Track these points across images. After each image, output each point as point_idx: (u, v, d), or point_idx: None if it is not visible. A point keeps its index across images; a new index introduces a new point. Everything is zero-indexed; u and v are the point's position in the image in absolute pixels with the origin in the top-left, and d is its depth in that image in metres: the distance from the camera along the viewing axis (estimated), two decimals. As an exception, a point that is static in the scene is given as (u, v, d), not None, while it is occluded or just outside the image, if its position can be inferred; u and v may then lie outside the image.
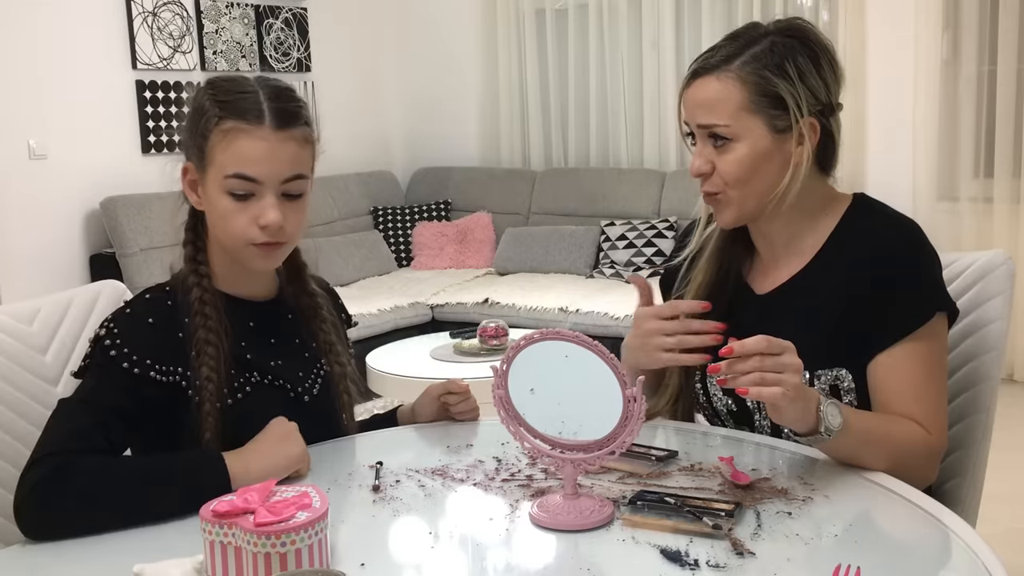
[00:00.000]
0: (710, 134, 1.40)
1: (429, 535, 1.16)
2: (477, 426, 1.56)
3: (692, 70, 1.42)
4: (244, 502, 1.02)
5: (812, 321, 1.40)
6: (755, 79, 1.37)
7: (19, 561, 1.18)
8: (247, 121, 1.33)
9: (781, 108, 1.37)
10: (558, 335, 1.17)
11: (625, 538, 1.11)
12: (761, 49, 1.38)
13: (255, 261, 1.39)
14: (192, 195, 1.40)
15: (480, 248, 5.50)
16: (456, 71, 5.93)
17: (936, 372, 1.38)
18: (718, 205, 1.44)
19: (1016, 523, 2.94)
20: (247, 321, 1.42)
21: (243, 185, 1.33)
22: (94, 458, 1.24)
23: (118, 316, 1.35)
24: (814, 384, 1.39)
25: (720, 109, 1.38)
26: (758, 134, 1.38)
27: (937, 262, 1.41)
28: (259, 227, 1.34)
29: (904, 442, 1.32)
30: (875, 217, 1.44)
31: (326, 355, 1.50)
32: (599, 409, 1.16)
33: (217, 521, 1.01)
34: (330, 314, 1.54)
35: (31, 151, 4.34)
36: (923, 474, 1.35)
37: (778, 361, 1.19)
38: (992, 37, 4.44)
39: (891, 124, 4.60)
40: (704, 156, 1.41)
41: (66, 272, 4.47)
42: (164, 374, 1.32)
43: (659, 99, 5.31)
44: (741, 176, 1.39)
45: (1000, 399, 1.57)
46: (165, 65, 4.85)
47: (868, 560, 1.04)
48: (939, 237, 4.50)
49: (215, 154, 1.34)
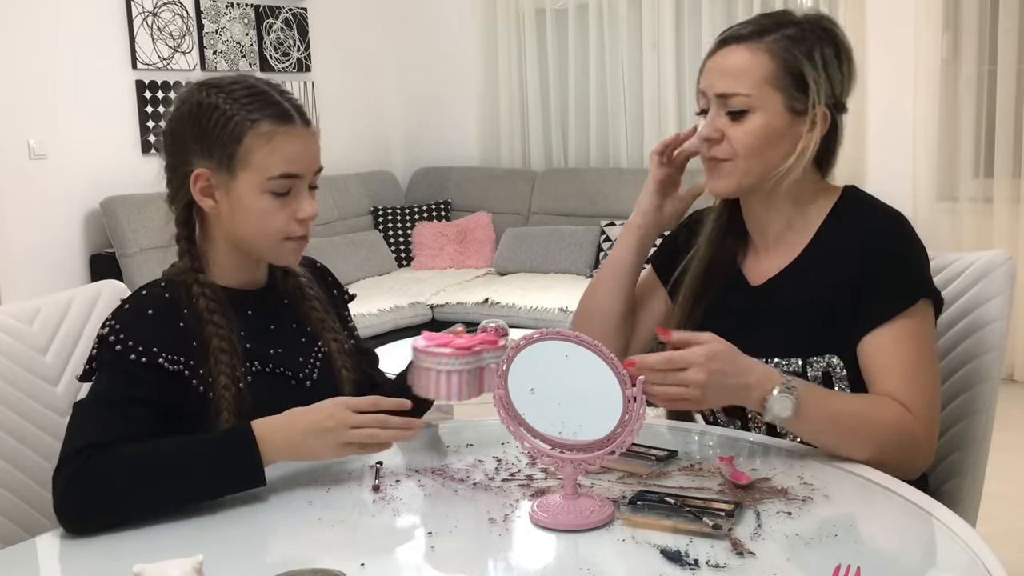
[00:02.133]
0: (728, 108, 1.41)
1: (429, 535, 1.16)
2: (477, 426, 1.56)
3: (723, 37, 1.45)
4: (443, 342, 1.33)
5: (803, 311, 1.42)
6: (785, 55, 1.40)
7: (20, 561, 1.18)
8: (282, 122, 1.36)
9: (802, 90, 1.40)
10: (558, 335, 1.17)
11: (625, 538, 1.11)
12: (793, 31, 1.42)
13: (288, 256, 1.43)
14: (207, 200, 1.38)
15: (480, 248, 5.50)
16: (456, 71, 5.93)
17: (924, 354, 1.37)
18: (720, 171, 1.45)
19: (1016, 523, 2.94)
20: (245, 311, 1.43)
21: (286, 184, 1.37)
22: (127, 446, 1.24)
23: (118, 313, 1.36)
24: (807, 371, 1.40)
25: (745, 79, 1.40)
26: (775, 110, 1.40)
27: (923, 253, 1.42)
28: (297, 221, 1.39)
29: (885, 427, 1.31)
30: (863, 208, 1.47)
31: (321, 334, 1.50)
32: (599, 409, 1.16)
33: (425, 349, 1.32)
34: (317, 292, 1.54)
35: (31, 151, 4.34)
36: (911, 461, 1.34)
37: (679, 377, 1.24)
38: (992, 37, 4.44)
39: (891, 124, 4.59)
40: (715, 124, 1.43)
41: (66, 272, 4.47)
42: (171, 362, 1.33)
43: (659, 99, 5.30)
44: (752, 147, 1.41)
45: (1000, 399, 1.57)
46: (165, 65, 4.85)
47: (868, 560, 1.04)
48: (939, 237, 4.50)
49: (254, 157, 1.35)
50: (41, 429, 1.53)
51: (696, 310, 1.53)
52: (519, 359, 1.20)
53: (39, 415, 1.54)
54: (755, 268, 1.52)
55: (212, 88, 1.38)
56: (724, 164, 1.43)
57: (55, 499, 1.21)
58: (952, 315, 1.59)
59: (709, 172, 1.46)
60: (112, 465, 1.22)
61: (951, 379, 1.59)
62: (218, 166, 1.37)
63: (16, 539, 1.39)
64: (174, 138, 1.40)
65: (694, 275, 1.54)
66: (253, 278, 1.47)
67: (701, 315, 1.52)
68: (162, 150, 1.44)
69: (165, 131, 1.43)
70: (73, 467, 1.21)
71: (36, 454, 1.51)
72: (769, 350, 1.41)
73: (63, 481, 1.21)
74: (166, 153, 1.42)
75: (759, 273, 1.51)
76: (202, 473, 1.25)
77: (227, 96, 1.37)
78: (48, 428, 1.53)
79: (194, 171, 1.37)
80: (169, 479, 1.23)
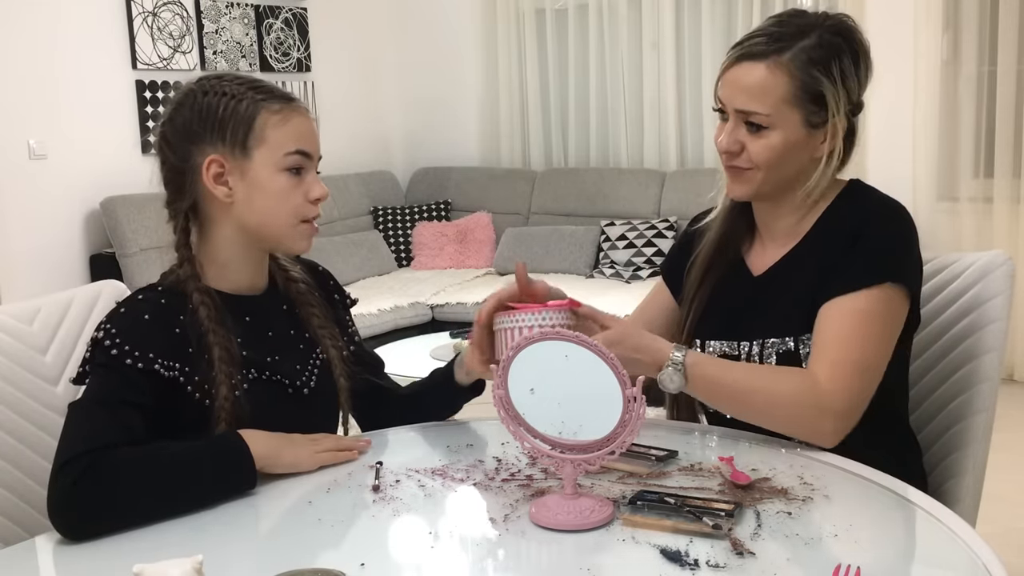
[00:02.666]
0: (746, 119, 1.42)
1: (429, 535, 1.16)
2: (477, 426, 1.56)
3: (740, 52, 1.43)
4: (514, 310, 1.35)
5: (800, 295, 1.45)
6: (803, 75, 1.40)
7: (20, 561, 1.18)
8: (289, 101, 1.40)
9: (820, 105, 1.41)
10: (558, 335, 1.17)
11: (625, 538, 1.11)
12: (811, 43, 1.40)
13: (302, 241, 1.43)
14: (220, 188, 1.37)
15: (480, 248, 5.50)
16: (456, 71, 5.93)
17: (866, 333, 1.37)
18: (740, 177, 1.47)
19: (1016, 523, 2.94)
20: (243, 317, 1.42)
21: (300, 160, 1.39)
22: (125, 450, 1.24)
23: (113, 316, 1.35)
24: (799, 348, 1.43)
25: (763, 98, 1.40)
26: (793, 127, 1.42)
27: (909, 240, 1.43)
28: (311, 202, 1.40)
29: (779, 398, 1.35)
30: (862, 198, 1.49)
31: (320, 340, 1.50)
32: (599, 409, 1.16)
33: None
34: (317, 297, 1.54)
35: (31, 151, 4.34)
36: (811, 433, 1.36)
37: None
38: (992, 37, 4.44)
39: (891, 124, 4.59)
40: (734, 136, 1.44)
41: (66, 272, 4.47)
42: (167, 368, 1.32)
43: (659, 99, 5.31)
44: (771, 160, 1.43)
45: (1000, 399, 1.57)
46: (165, 65, 4.85)
47: (868, 560, 1.04)
48: (939, 237, 4.50)
49: (268, 134, 1.37)
50: (41, 429, 1.53)
51: (699, 301, 1.56)
52: (519, 359, 1.20)
53: (39, 415, 1.54)
54: (759, 258, 1.55)
55: (212, 80, 1.40)
56: (746, 172, 1.46)
57: (53, 501, 1.20)
58: (952, 315, 1.59)
59: (731, 177, 1.49)
60: (114, 472, 1.21)
61: (951, 379, 1.59)
62: (232, 149, 1.37)
63: (16, 539, 1.39)
64: (177, 134, 1.39)
65: (699, 267, 1.57)
66: (254, 282, 1.46)
67: (704, 306, 1.55)
68: (159, 152, 1.42)
69: (164, 131, 1.40)
70: (76, 472, 1.20)
71: (36, 454, 1.51)
72: (766, 332, 1.46)
73: (66, 485, 1.20)
74: (166, 153, 1.40)
75: (762, 262, 1.54)
76: (203, 480, 1.25)
77: (230, 83, 1.39)
78: (48, 428, 1.53)
79: (206, 160, 1.37)
80: (172, 488, 1.23)
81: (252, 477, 1.29)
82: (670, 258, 1.70)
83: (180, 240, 1.41)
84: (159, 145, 1.42)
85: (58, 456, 1.23)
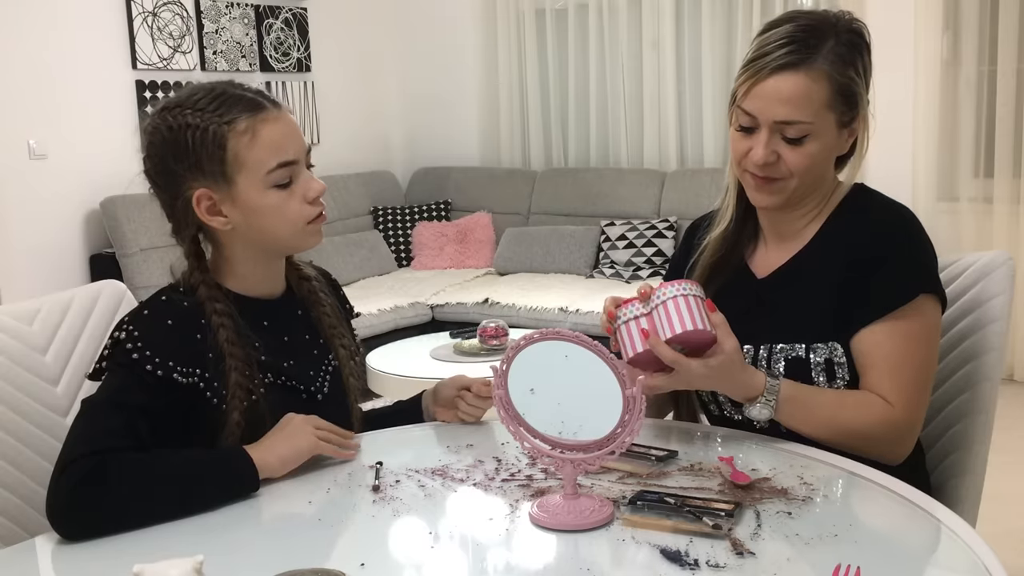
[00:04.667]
0: (786, 134, 1.40)
1: (429, 535, 1.16)
2: (477, 426, 1.56)
3: (773, 65, 1.38)
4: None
5: (808, 300, 1.45)
6: (840, 77, 1.39)
7: (20, 561, 1.18)
8: (256, 111, 1.34)
9: (850, 105, 1.41)
10: (558, 335, 1.17)
11: (625, 538, 1.11)
12: (836, 44, 1.40)
13: (312, 239, 1.42)
14: (216, 219, 1.36)
15: (480, 248, 5.50)
16: (456, 71, 5.92)
17: (915, 349, 1.40)
18: (771, 187, 1.44)
19: (1016, 523, 2.94)
20: (261, 321, 1.42)
21: (286, 173, 1.36)
22: (131, 456, 1.24)
23: (136, 318, 1.34)
24: (810, 357, 1.42)
25: (806, 106, 1.38)
26: (829, 130, 1.42)
27: (930, 249, 1.44)
28: (309, 202, 1.38)
29: (863, 427, 1.37)
30: (872, 203, 1.49)
31: (330, 340, 1.50)
32: (599, 409, 1.16)
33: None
34: (329, 298, 1.54)
35: (31, 151, 4.34)
36: (891, 453, 1.39)
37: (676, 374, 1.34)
38: (992, 37, 4.44)
39: (891, 124, 4.59)
40: (771, 147, 1.41)
41: (66, 272, 4.47)
42: (185, 376, 1.32)
43: (659, 99, 5.30)
44: (809, 167, 1.42)
45: (1000, 399, 1.57)
46: (165, 65, 4.84)
47: (868, 560, 1.04)
48: (939, 237, 4.48)
49: (244, 157, 1.33)
50: (41, 429, 1.53)
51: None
52: (519, 359, 1.20)
53: (39, 415, 1.54)
54: (763, 261, 1.54)
55: (174, 109, 1.35)
56: (778, 182, 1.44)
57: (52, 503, 1.20)
58: (952, 315, 1.59)
59: (760, 187, 1.45)
60: (116, 478, 1.21)
61: (951, 379, 1.59)
62: (214, 180, 1.35)
63: (16, 539, 1.39)
64: (159, 171, 1.37)
65: (704, 271, 1.56)
66: (272, 288, 1.47)
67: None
68: (151, 186, 1.40)
69: (147, 169, 1.39)
70: (77, 475, 1.20)
71: (36, 454, 1.51)
72: (774, 336, 1.45)
73: (66, 488, 1.20)
74: (157, 188, 1.39)
75: (766, 265, 1.53)
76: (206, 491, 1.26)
77: (192, 110, 1.34)
78: (48, 428, 1.53)
79: (194, 194, 1.35)
80: (172, 497, 1.24)
81: (255, 485, 1.29)
82: (674, 262, 1.69)
83: (192, 264, 1.40)
84: (147, 180, 1.41)
85: (63, 454, 1.24)
